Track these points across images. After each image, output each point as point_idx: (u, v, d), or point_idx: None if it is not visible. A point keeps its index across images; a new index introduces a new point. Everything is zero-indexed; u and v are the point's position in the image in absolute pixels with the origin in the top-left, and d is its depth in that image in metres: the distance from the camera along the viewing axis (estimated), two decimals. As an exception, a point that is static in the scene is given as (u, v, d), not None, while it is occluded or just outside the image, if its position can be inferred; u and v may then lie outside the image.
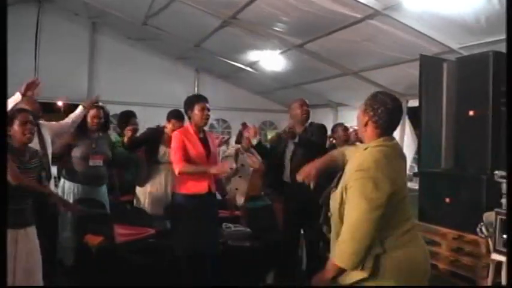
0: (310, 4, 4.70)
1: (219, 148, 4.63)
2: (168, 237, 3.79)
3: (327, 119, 7.85)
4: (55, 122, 4.21)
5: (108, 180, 4.56)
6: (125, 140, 4.52)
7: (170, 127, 4.47)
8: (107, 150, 4.46)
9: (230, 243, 3.97)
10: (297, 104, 4.22)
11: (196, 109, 3.69)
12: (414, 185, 4.97)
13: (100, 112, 4.41)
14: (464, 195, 3.99)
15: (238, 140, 5.80)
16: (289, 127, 4.14)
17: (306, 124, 4.21)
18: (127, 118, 5.13)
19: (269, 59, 7.18)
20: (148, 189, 4.52)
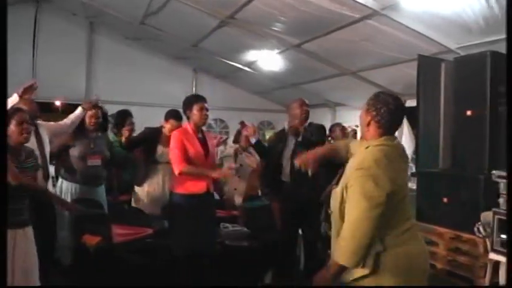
0: (308, 4, 4.69)
1: (217, 148, 4.62)
2: (166, 237, 3.79)
3: (325, 119, 7.85)
4: (53, 123, 4.21)
5: (106, 180, 4.56)
6: (123, 140, 4.51)
7: (168, 127, 4.46)
8: (105, 150, 4.46)
9: (228, 243, 3.97)
10: (297, 104, 4.21)
11: (195, 109, 3.70)
12: (412, 185, 4.97)
13: (98, 112, 4.41)
14: (462, 195, 3.99)
15: (236, 140, 5.77)
16: (289, 126, 4.14)
17: (305, 124, 4.22)
18: (123, 117, 5.12)
19: (267, 59, 7.17)
20: (146, 188, 4.51)
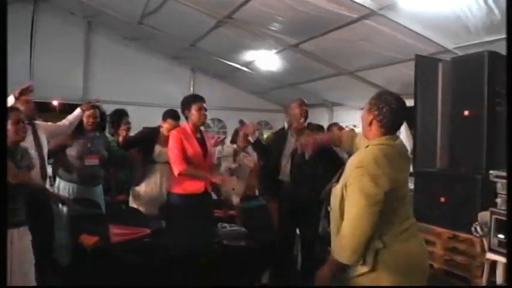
0: (305, 4, 4.70)
1: (215, 148, 4.62)
2: (164, 236, 3.78)
3: (323, 119, 7.87)
4: (51, 123, 4.21)
5: (104, 180, 4.55)
6: (120, 140, 4.50)
7: (166, 126, 4.45)
8: (103, 149, 4.45)
9: (226, 242, 3.97)
10: (296, 104, 4.17)
11: (193, 109, 3.70)
12: (409, 185, 4.97)
13: (96, 112, 4.41)
14: (459, 194, 4.00)
15: (233, 140, 5.74)
16: (289, 125, 4.14)
17: (304, 124, 4.21)
18: (119, 117, 5.11)
19: (264, 59, 7.18)
20: (143, 188, 4.50)
